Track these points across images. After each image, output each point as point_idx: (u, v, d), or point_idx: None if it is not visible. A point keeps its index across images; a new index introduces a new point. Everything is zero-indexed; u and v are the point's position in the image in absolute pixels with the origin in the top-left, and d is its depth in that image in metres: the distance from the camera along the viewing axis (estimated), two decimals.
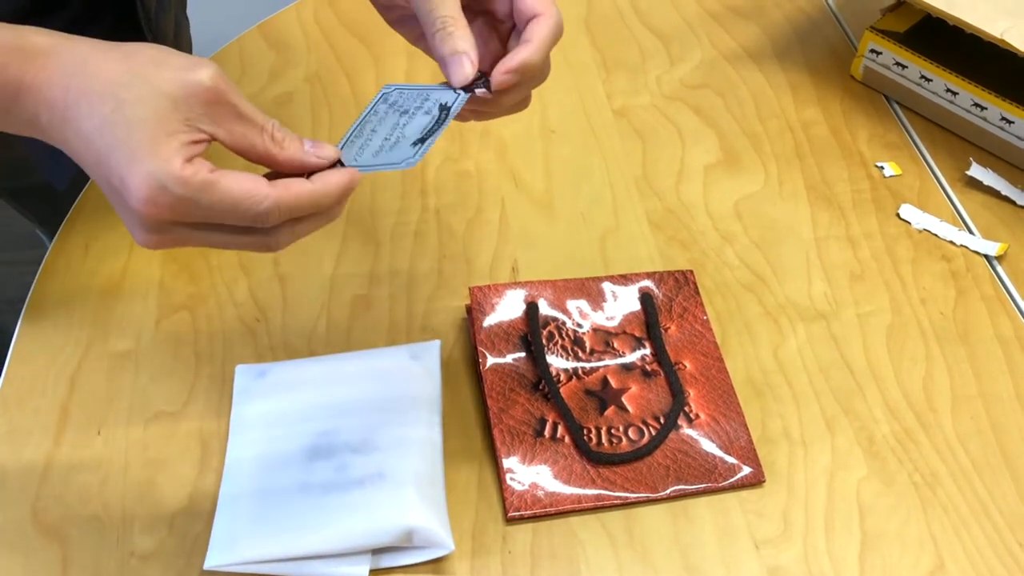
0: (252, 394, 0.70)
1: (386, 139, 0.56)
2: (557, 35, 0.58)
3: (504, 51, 0.59)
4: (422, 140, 0.55)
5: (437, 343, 0.73)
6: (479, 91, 0.57)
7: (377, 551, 0.63)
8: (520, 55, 0.56)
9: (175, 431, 0.69)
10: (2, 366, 0.73)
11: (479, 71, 0.57)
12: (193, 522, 0.65)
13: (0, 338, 0.75)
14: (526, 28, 0.57)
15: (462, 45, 0.55)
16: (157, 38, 0.78)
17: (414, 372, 0.71)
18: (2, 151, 0.80)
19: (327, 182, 0.50)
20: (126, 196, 0.46)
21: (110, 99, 0.45)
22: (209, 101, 0.47)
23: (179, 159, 0.46)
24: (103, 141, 0.45)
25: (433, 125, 0.56)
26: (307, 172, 0.51)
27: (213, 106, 0.47)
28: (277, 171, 0.51)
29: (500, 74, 0.56)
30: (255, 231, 0.49)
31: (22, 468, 0.67)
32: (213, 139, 0.48)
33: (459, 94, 0.57)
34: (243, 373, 0.71)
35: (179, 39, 0.84)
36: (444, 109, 0.57)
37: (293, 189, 0.48)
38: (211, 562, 0.61)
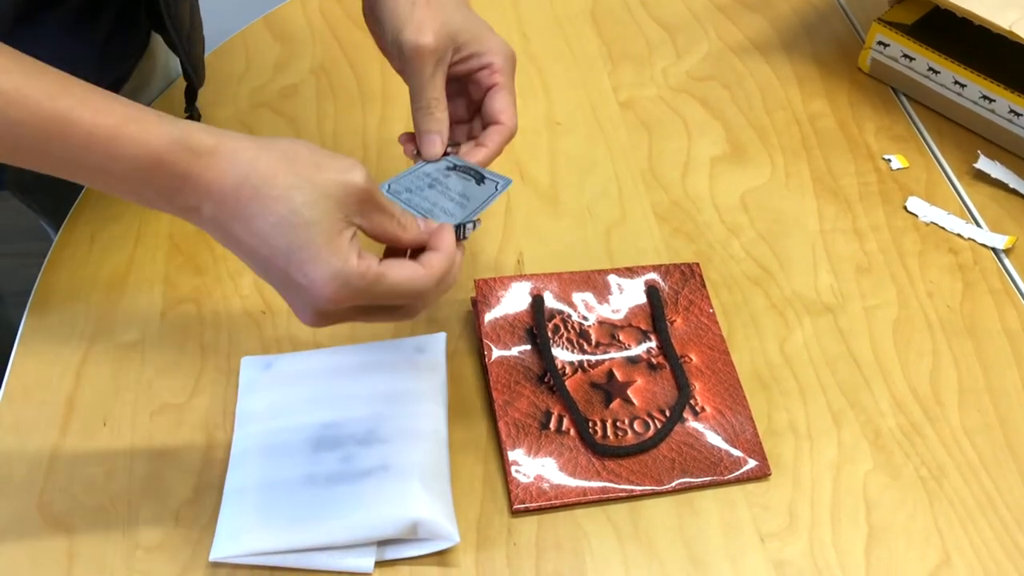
0: (258, 386, 0.70)
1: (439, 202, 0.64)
2: (508, 140, 0.67)
3: (470, 119, 0.70)
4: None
5: (443, 335, 0.73)
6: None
7: (382, 543, 0.63)
8: (475, 157, 0.65)
9: (181, 423, 0.70)
10: (8, 359, 0.73)
11: (449, 143, 0.66)
12: (199, 513, 0.65)
13: (6, 330, 0.75)
14: (484, 132, 0.66)
15: (437, 127, 0.64)
16: (173, 21, 0.78)
17: (420, 364, 0.71)
18: None
19: (448, 248, 0.57)
20: (310, 290, 0.52)
21: (286, 202, 0.51)
22: (362, 200, 0.54)
23: (354, 256, 0.52)
24: (283, 240, 0.51)
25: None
26: (421, 246, 0.58)
27: (364, 203, 0.54)
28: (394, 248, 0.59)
29: None
30: (405, 310, 0.57)
31: (28, 460, 0.67)
32: (360, 229, 0.55)
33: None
34: (249, 365, 0.72)
35: (194, 26, 0.84)
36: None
37: (436, 267, 0.56)
38: (217, 554, 0.61)
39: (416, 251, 0.59)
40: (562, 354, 0.73)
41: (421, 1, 0.63)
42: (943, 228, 0.85)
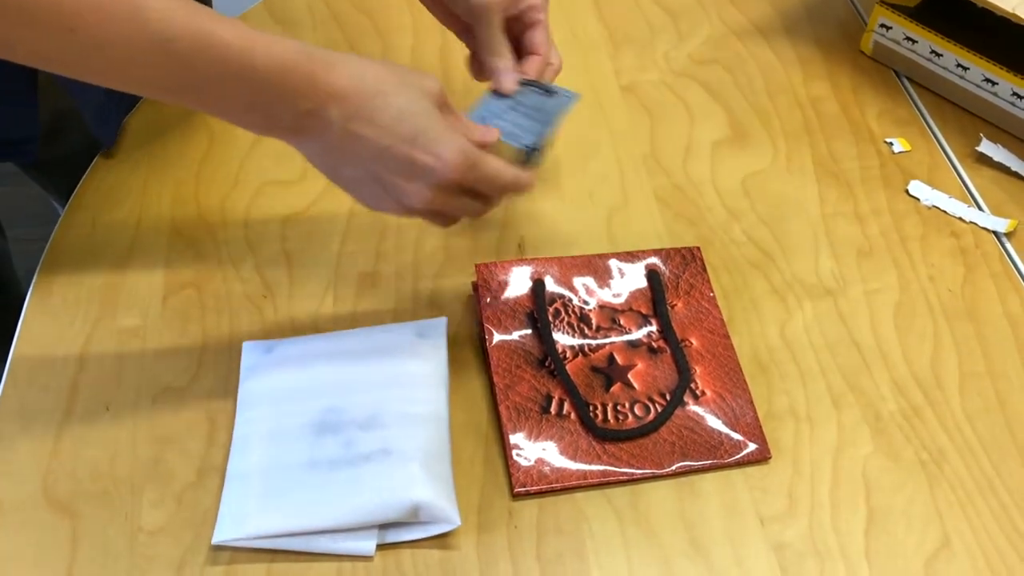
0: (259, 370, 0.70)
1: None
2: (542, 72, 0.77)
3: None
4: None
5: (443, 320, 0.73)
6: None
7: (384, 526, 0.63)
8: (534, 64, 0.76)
9: (183, 407, 0.70)
10: (11, 342, 0.73)
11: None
12: (202, 497, 0.65)
13: (11, 315, 0.76)
14: (523, 61, 0.76)
15: (508, 64, 0.74)
16: None
17: (421, 349, 0.71)
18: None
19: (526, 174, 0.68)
20: (437, 166, 0.60)
21: (403, 95, 0.60)
22: (442, 99, 0.63)
23: (461, 134, 0.62)
24: (409, 126, 0.60)
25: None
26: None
27: (444, 103, 0.63)
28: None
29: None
30: (487, 199, 0.66)
31: (32, 444, 0.67)
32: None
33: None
34: (250, 350, 0.72)
35: None
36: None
37: (515, 170, 0.66)
38: (219, 537, 0.62)
39: None
40: (563, 338, 0.73)
41: None
42: (945, 212, 0.85)
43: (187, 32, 0.55)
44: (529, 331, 0.73)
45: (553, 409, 0.69)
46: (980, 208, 0.86)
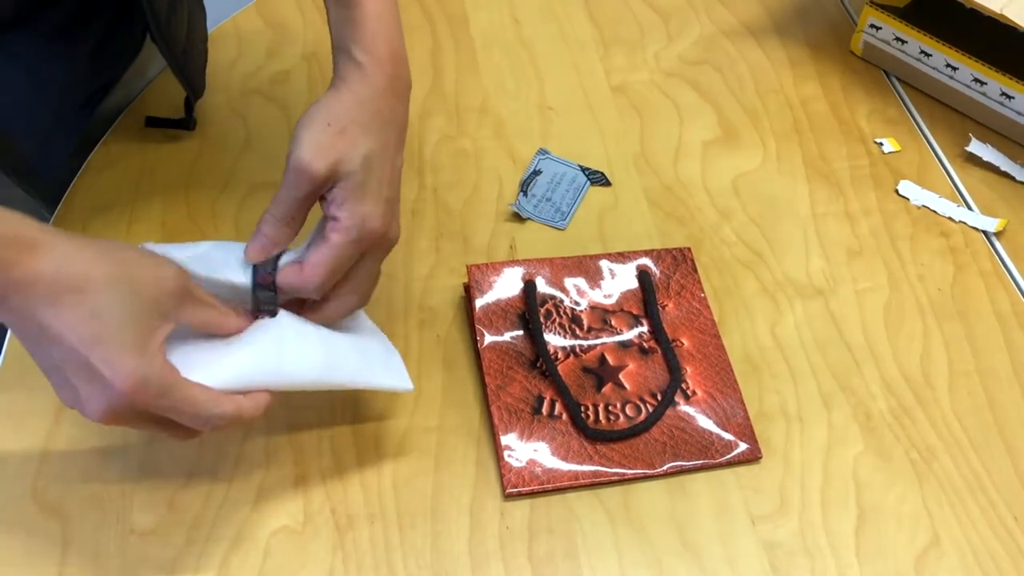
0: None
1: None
2: (300, 289, 0.61)
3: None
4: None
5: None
6: None
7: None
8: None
9: None
10: (1, 345, 0.73)
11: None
12: (192, 499, 0.65)
13: None
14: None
15: (277, 239, 0.61)
16: (166, 40, 0.77)
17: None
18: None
19: (256, 401, 0.58)
20: (111, 382, 0.52)
21: (100, 295, 0.52)
22: (177, 296, 0.55)
23: (160, 358, 0.53)
24: (91, 330, 0.51)
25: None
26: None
27: (181, 299, 0.55)
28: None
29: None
30: (188, 429, 0.57)
31: (22, 447, 0.67)
32: (178, 323, 0.56)
33: None
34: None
35: (192, 41, 0.83)
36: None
37: (237, 403, 0.57)
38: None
39: None
40: (554, 339, 0.73)
41: (335, 128, 0.60)
42: (934, 211, 0.85)
43: None
44: (520, 332, 0.73)
45: (545, 410, 0.69)
46: (969, 208, 0.86)
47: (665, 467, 0.67)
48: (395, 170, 0.63)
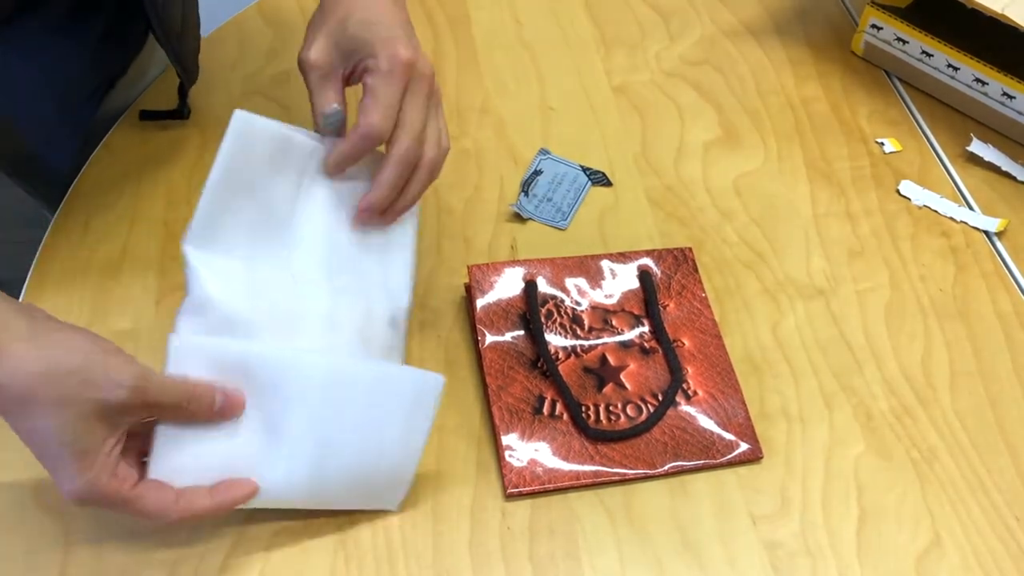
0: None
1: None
2: (370, 143, 0.64)
3: None
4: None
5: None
6: None
7: None
8: (330, 157, 0.67)
9: None
10: None
11: None
12: None
13: None
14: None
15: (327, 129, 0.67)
16: (162, 23, 0.77)
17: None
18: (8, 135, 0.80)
19: (225, 499, 0.59)
20: (62, 487, 0.54)
21: (41, 417, 0.52)
22: (131, 408, 0.55)
23: (106, 475, 0.54)
24: (37, 447, 0.54)
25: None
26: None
27: (136, 409, 0.55)
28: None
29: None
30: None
31: (24, 448, 0.67)
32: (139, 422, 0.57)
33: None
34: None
35: (187, 26, 0.83)
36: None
37: (197, 506, 0.58)
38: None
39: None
40: (555, 339, 0.73)
41: (316, 18, 0.67)
42: (936, 211, 0.85)
43: None
44: (521, 332, 0.73)
45: (546, 410, 0.69)
46: (971, 208, 0.86)
47: (666, 467, 0.67)
48: (403, 11, 0.68)
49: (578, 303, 0.75)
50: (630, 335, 0.74)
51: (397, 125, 0.63)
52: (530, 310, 0.73)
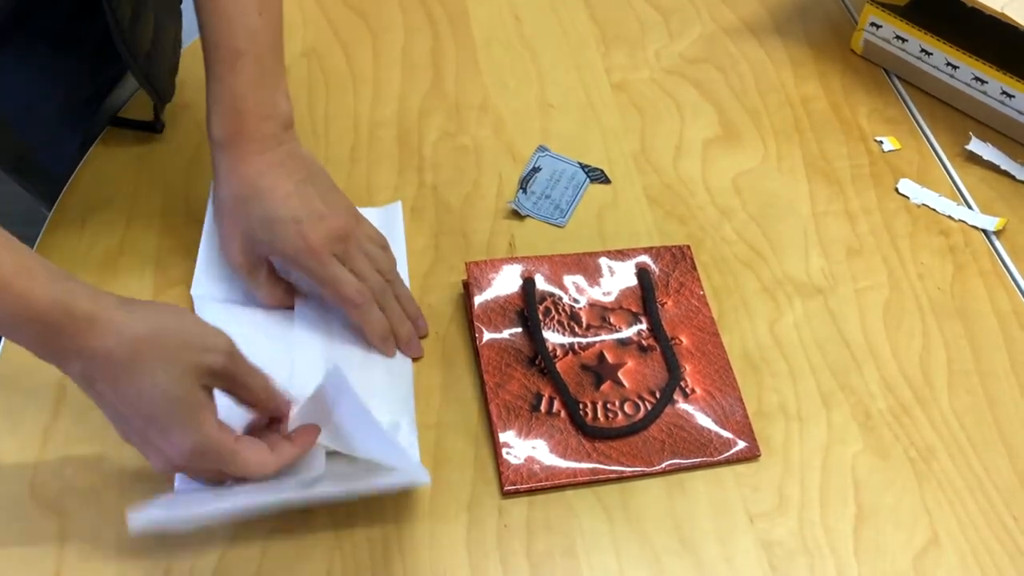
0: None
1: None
2: None
3: None
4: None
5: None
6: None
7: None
8: None
9: None
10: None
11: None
12: None
13: None
14: None
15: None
16: (128, 45, 0.77)
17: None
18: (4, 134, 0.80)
19: (305, 442, 0.62)
20: (168, 452, 0.57)
21: (150, 376, 0.55)
22: (223, 374, 0.58)
23: (215, 428, 0.57)
24: (146, 408, 0.56)
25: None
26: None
27: (226, 376, 0.59)
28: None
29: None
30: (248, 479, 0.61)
31: (20, 443, 0.67)
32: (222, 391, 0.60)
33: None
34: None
35: (157, 46, 0.83)
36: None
37: (287, 455, 0.61)
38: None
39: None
40: (553, 336, 0.73)
41: (227, 213, 0.70)
42: (934, 210, 0.85)
43: None
44: (519, 329, 0.73)
45: (543, 407, 0.69)
46: (969, 206, 0.86)
47: (663, 465, 0.67)
48: (293, 185, 0.70)
49: (576, 300, 0.75)
50: (628, 333, 0.74)
51: (334, 283, 0.69)
52: (528, 307, 0.73)
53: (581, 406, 0.69)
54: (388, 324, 0.71)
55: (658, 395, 0.70)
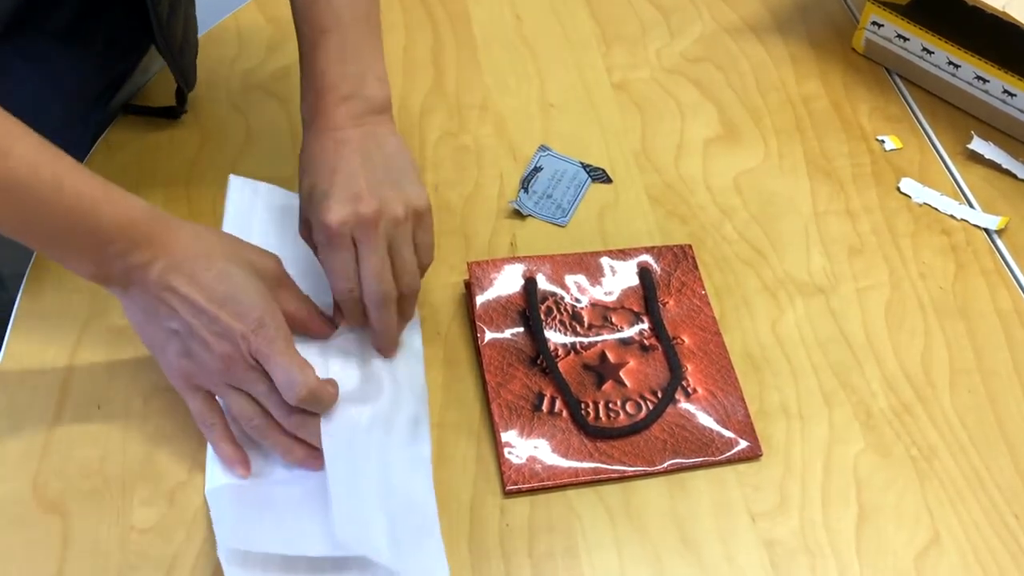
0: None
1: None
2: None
3: None
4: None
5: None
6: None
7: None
8: None
9: (175, 406, 0.70)
10: (1, 342, 0.73)
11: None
12: (193, 495, 0.65)
13: (0, 314, 0.76)
14: None
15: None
16: (166, 39, 0.79)
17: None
18: None
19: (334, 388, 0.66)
20: (238, 329, 0.61)
21: (224, 263, 0.62)
22: (278, 280, 0.66)
23: (279, 312, 0.64)
24: (221, 288, 0.61)
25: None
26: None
27: (279, 286, 0.66)
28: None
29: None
30: (267, 415, 0.64)
31: (23, 443, 0.67)
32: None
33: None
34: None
35: (187, 37, 0.84)
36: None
37: (310, 375, 0.63)
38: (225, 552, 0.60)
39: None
40: (555, 336, 0.73)
41: (300, 180, 0.70)
42: (936, 209, 0.85)
43: (45, 180, 0.57)
44: (521, 329, 0.73)
45: (545, 407, 0.69)
46: (971, 205, 0.86)
47: (665, 464, 0.67)
48: (349, 163, 0.68)
49: (578, 300, 0.75)
50: (630, 332, 0.74)
51: (362, 277, 0.67)
52: (530, 307, 0.73)
53: (583, 406, 0.69)
54: (391, 321, 0.69)
55: (660, 395, 0.70)
